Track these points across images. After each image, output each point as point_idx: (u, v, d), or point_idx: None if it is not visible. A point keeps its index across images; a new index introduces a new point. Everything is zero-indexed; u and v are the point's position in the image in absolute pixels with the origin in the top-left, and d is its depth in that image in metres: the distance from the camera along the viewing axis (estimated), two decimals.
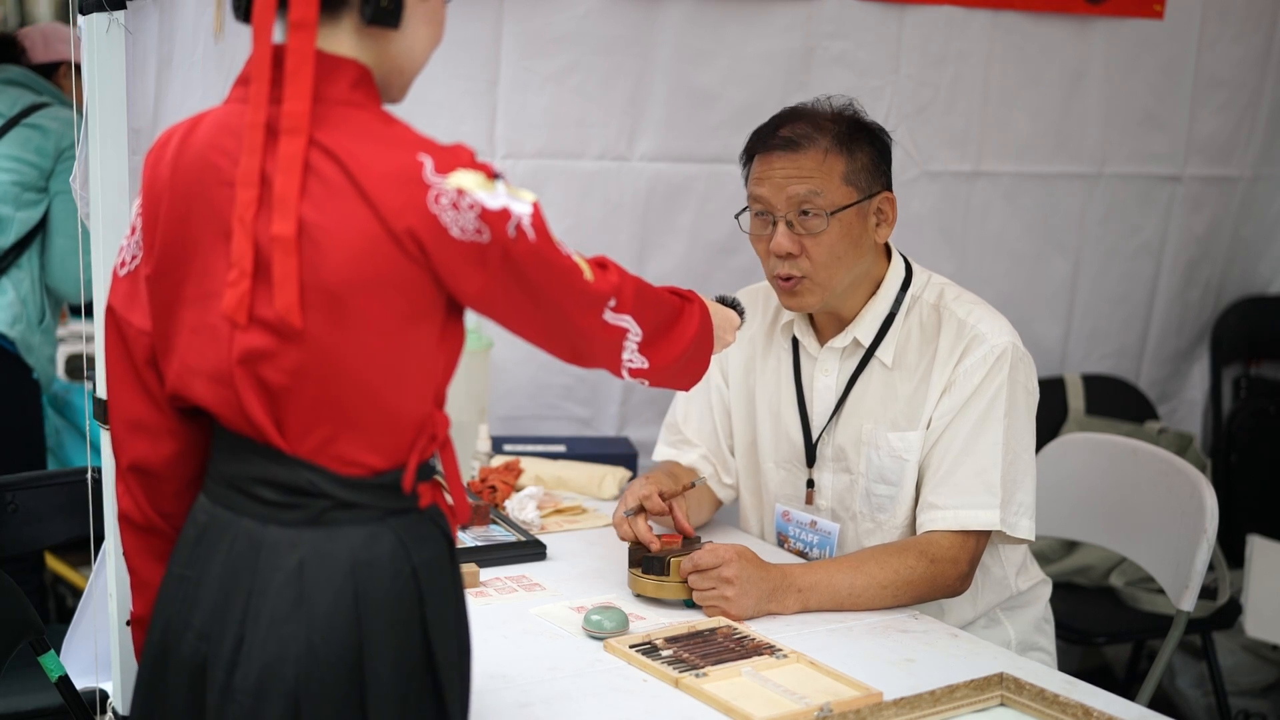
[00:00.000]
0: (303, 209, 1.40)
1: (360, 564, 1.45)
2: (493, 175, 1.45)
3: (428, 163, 1.41)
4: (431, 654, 1.48)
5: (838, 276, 2.17)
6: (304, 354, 1.42)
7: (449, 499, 1.56)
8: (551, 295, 1.52)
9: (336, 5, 1.45)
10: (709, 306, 1.84)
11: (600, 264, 1.60)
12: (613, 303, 1.59)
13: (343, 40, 1.47)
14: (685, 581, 2.05)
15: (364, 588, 1.45)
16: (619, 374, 1.67)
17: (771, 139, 2.18)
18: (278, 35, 1.45)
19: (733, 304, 1.98)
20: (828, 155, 2.14)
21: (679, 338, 1.74)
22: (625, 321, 1.61)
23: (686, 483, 2.26)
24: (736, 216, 2.25)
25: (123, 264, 1.58)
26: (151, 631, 1.56)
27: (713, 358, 2.38)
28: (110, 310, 1.59)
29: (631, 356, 1.65)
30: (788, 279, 2.17)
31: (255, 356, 1.43)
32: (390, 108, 1.53)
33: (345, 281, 1.40)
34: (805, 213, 2.14)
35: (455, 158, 1.44)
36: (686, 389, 1.87)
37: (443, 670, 1.49)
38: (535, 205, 1.47)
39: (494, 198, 1.43)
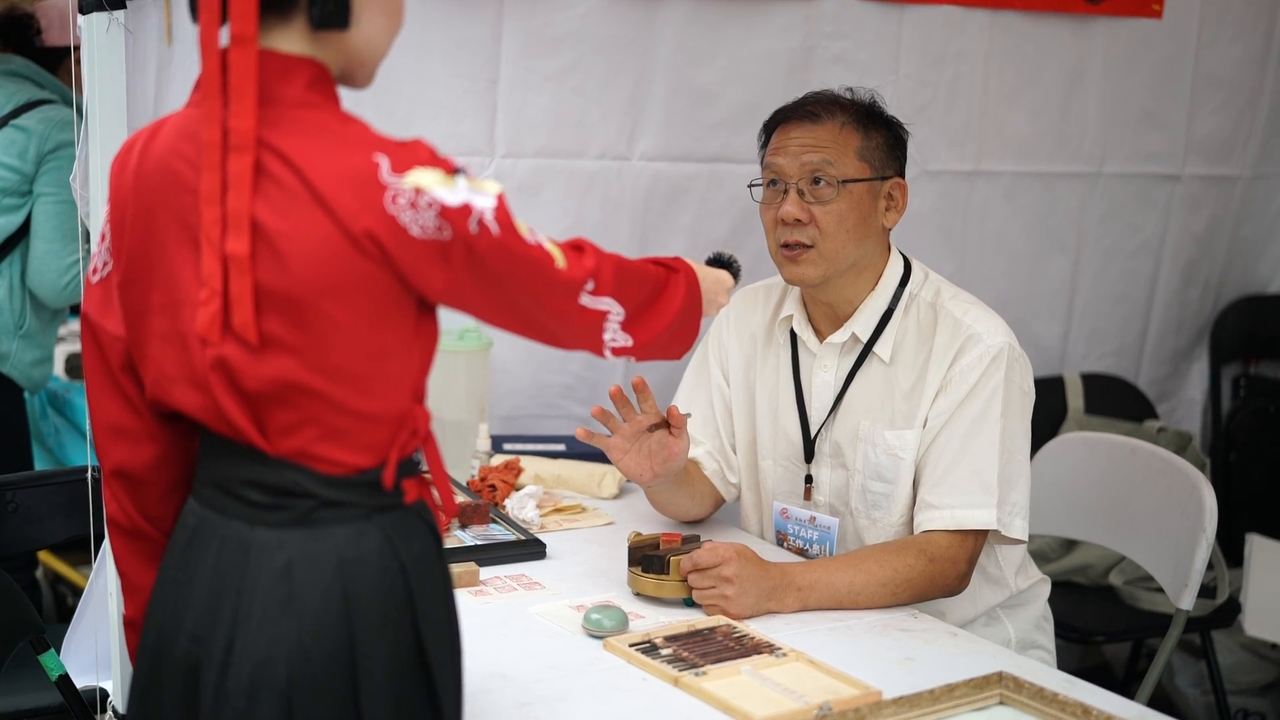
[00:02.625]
0: (263, 216, 1.40)
1: (348, 562, 1.45)
2: (452, 170, 1.43)
3: (384, 162, 1.40)
4: (424, 650, 1.48)
5: (843, 250, 2.18)
6: (275, 361, 1.42)
7: (437, 494, 1.56)
8: (521, 286, 1.50)
9: (287, 6, 1.44)
10: (698, 271, 1.81)
11: (576, 247, 1.58)
12: (590, 286, 1.57)
13: (295, 40, 1.45)
14: (685, 580, 2.06)
15: (353, 586, 1.45)
16: (601, 354, 1.65)
17: (791, 110, 2.24)
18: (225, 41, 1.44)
19: (728, 262, 1.95)
20: (844, 128, 2.19)
21: (664, 311, 1.71)
22: (605, 304, 1.59)
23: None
24: (750, 186, 2.27)
25: (94, 270, 1.58)
26: (146, 635, 1.56)
27: (714, 359, 2.41)
28: (85, 317, 1.59)
29: (614, 336, 1.63)
30: (792, 248, 2.19)
31: (228, 365, 1.43)
32: (390, 106, 1.53)
33: (308, 287, 1.40)
34: (817, 181, 2.17)
35: (412, 155, 1.41)
36: (676, 358, 1.84)
37: (435, 666, 1.49)
38: (499, 198, 1.45)
39: (454, 194, 1.41)
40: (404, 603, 1.47)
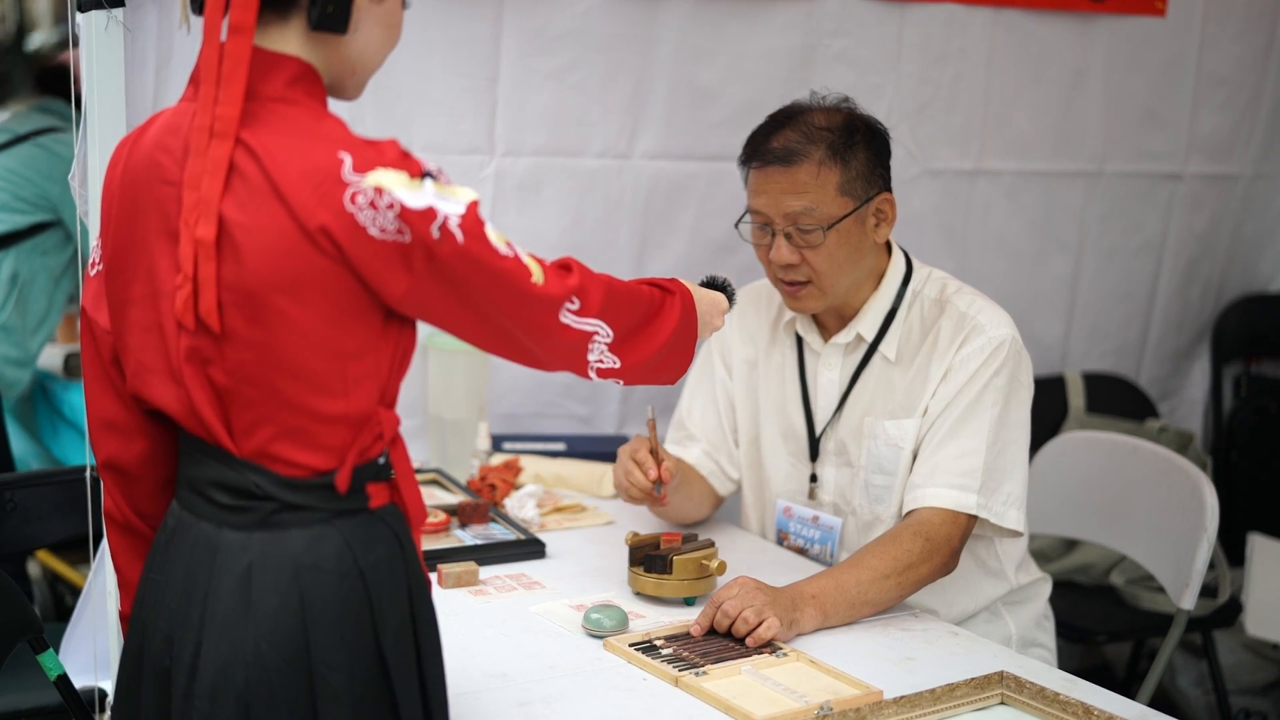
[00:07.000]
0: (226, 209, 1.39)
1: (305, 567, 1.44)
2: (420, 173, 1.41)
3: (347, 160, 1.38)
4: (384, 658, 1.47)
5: (840, 281, 2.19)
6: (238, 354, 1.42)
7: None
8: (489, 298, 1.47)
9: (286, 6, 1.44)
10: (694, 292, 1.79)
11: (563, 266, 1.55)
12: (574, 305, 1.53)
13: (290, 41, 1.45)
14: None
15: (310, 591, 1.44)
16: (585, 375, 1.62)
17: (766, 151, 2.17)
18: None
19: (722, 285, 1.93)
20: (821, 168, 2.14)
21: (656, 334, 1.68)
22: (591, 324, 1.56)
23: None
24: (736, 225, 2.24)
25: (93, 264, 1.59)
26: (130, 635, 1.56)
27: (717, 354, 2.41)
28: (83, 311, 1.60)
29: (601, 357, 1.60)
30: (791, 284, 2.18)
31: (200, 356, 1.43)
32: (389, 105, 1.53)
33: (264, 281, 1.39)
34: (802, 228, 2.14)
35: (378, 155, 1.40)
36: (670, 383, 1.82)
37: (396, 674, 1.47)
38: (470, 205, 1.43)
39: (417, 197, 1.39)
40: (362, 609, 1.46)
